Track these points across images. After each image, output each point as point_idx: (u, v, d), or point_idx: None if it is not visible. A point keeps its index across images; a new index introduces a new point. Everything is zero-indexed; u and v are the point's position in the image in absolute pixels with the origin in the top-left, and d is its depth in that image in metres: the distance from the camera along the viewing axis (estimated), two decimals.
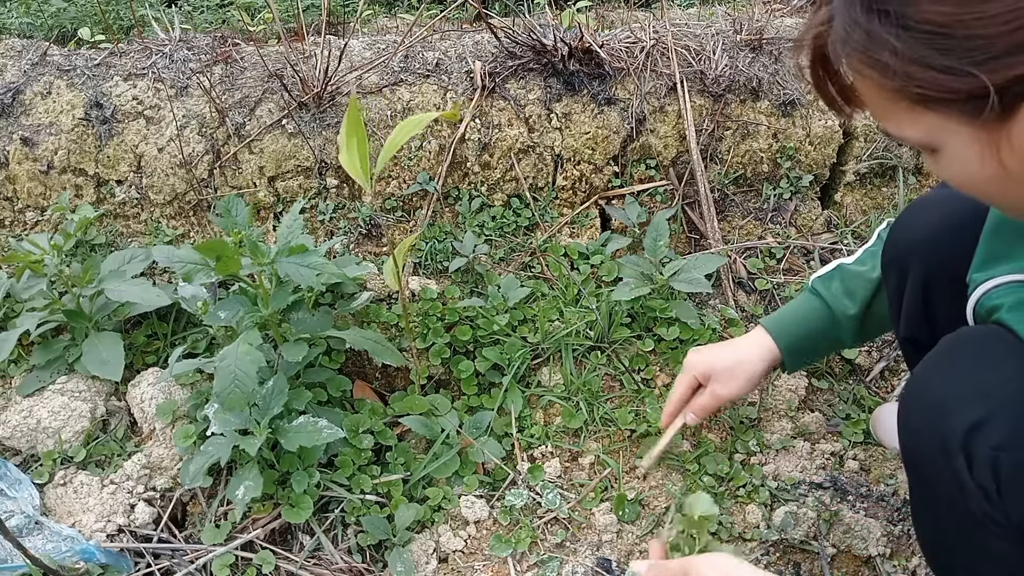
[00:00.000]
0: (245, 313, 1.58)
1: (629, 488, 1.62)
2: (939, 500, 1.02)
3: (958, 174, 0.82)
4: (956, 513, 0.98)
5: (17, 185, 2.01)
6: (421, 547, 1.53)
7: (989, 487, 0.91)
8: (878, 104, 0.80)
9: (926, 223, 1.21)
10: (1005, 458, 0.90)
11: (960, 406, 0.94)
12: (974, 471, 0.92)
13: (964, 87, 0.71)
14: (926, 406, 0.99)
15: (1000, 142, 0.75)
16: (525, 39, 2.03)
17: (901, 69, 0.73)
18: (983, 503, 0.92)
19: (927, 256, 1.19)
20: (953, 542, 1.02)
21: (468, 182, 2.05)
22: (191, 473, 1.53)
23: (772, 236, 2.09)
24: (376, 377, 1.85)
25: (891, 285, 1.28)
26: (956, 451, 0.93)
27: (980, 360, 0.96)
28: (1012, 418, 0.90)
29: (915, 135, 0.80)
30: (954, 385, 0.96)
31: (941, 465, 0.96)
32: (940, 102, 0.74)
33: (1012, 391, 0.92)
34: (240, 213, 1.59)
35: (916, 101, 0.75)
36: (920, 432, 1.00)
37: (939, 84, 0.72)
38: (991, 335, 0.98)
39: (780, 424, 1.74)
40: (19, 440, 1.67)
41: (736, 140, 2.09)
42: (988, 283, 1.00)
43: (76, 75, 2.05)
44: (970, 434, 0.92)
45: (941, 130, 0.77)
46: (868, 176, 2.16)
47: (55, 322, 1.78)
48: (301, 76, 1.97)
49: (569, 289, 1.92)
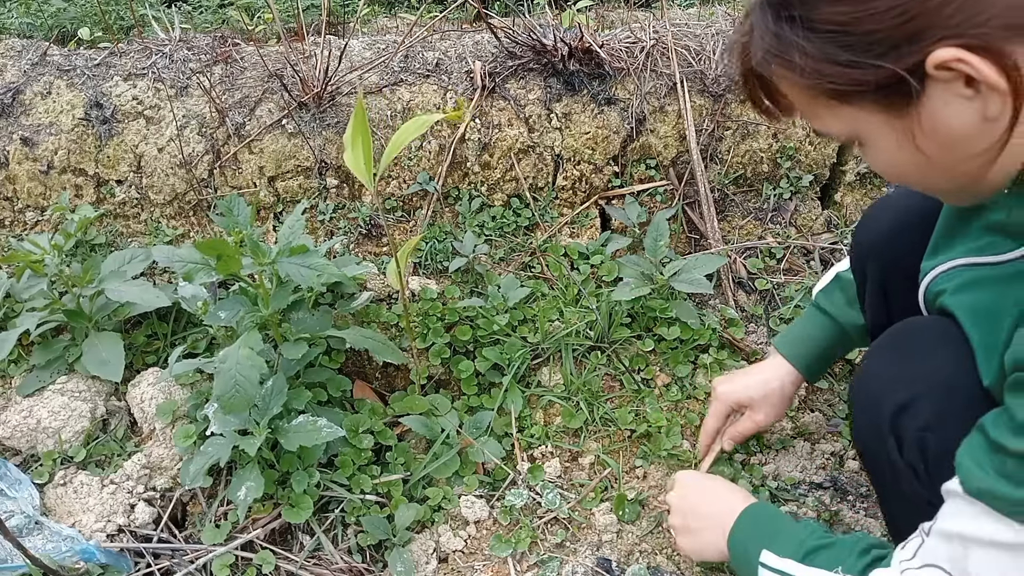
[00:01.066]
0: (245, 313, 1.58)
1: (629, 488, 1.62)
2: (883, 483, 1.09)
3: (883, 162, 0.87)
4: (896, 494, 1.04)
5: (17, 185, 2.01)
6: (421, 547, 1.52)
7: (918, 467, 0.96)
8: (802, 104, 0.86)
9: (881, 222, 1.25)
10: (931, 439, 0.95)
11: (891, 390, 0.99)
12: (904, 452, 0.97)
13: (871, 78, 0.77)
14: (865, 393, 1.05)
15: (913, 127, 0.80)
16: (525, 39, 2.03)
17: (811, 67, 0.78)
18: (914, 482, 0.97)
19: (882, 254, 1.23)
20: (901, 523, 1.06)
21: (468, 182, 2.05)
22: (191, 473, 1.53)
23: (772, 236, 2.10)
24: (376, 377, 1.85)
25: (859, 285, 1.32)
26: (887, 433, 0.99)
27: (914, 347, 1.01)
28: (938, 400, 0.95)
29: (838, 129, 0.85)
30: (887, 371, 1.02)
31: (878, 448, 1.02)
32: (852, 95, 0.80)
33: (941, 374, 0.96)
34: (241, 213, 1.59)
35: (832, 96, 0.81)
36: (860, 418, 1.07)
37: (848, 77, 0.77)
38: (929, 324, 1.03)
39: (780, 424, 1.74)
40: (19, 440, 1.67)
41: (736, 140, 2.09)
42: (935, 270, 1.04)
43: (76, 75, 2.05)
44: (897, 416, 0.97)
45: (860, 122, 0.82)
46: (868, 176, 2.16)
47: (55, 322, 1.78)
48: (301, 76, 1.97)
49: (569, 289, 1.92)
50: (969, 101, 0.75)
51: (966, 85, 0.74)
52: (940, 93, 0.76)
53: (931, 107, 0.77)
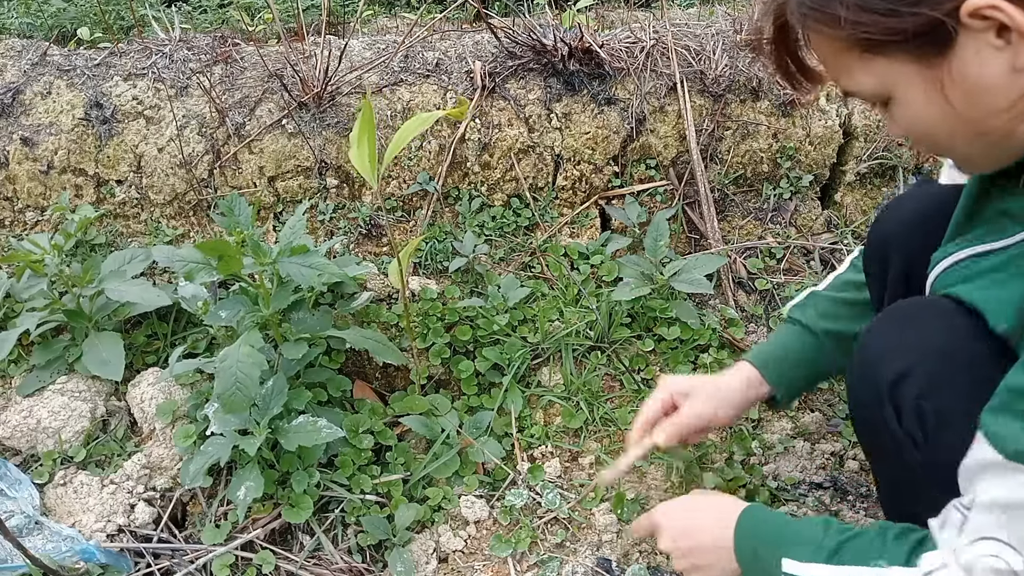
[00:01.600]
0: (246, 313, 1.58)
1: (629, 488, 1.62)
2: (882, 456, 1.08)
3: (910, 117, 0.88)
4: (897, 467, 1.03)
5: (17, 185, 2.01)
6: (421, 547, 1.53)
7: (916, 435, 0.96)
8: (834, 60, 0.88)
9: (906, 213, 1.24)
10: (927, 406, 0.95)
11: (887, 361, 1.00)
12: (903, 421, 0.97)
13: (906, 26, 0.79)
14: (863, 366, 1.05)
15: (943, 77, 0.82)
16: (525, 39, 2.03)
17: (850, 17, 0.81)
18: (914, 452, 0.98)
19: (905, 248, 1.21)
20: (904, 499, 1.06)
21: (468, 182, 2.05)
22: (191, 473, 1.53)
23: (772, 236, 2.10)
24: (376, 377, 1.85)
25: (873, 278, 1.30)
26: (886, 403, 0.99)
27: (912, 321, 1.02)
28: (932, 367, 0.96)
29: (870, 84, 0.87)
30: (885, 344, 1.02)
31: (877, 420, 1.02)
32: (887, 45, 0.82)
33: (934, 343, 0.97)
34: (242, 212, 1.59)
35: (866, 48, 0.83)
36: (858, 391, 1.06)
37: (884, 26, 0.80)
38: (929, 302, 1.03)
39: (780, 424, 1.74)
40: (19, 440, 1.67)
41: (736, 140, 2.09)
42: (945, 261, 1.04)
43: (76, 75, 2.05)
44: (895, 385, 0.98)
45: (891, 74, 0.85)
46: (868, 176, 2.16)
47: (55, 322, 1.78)
48: (301, 76, 1.97)
49: (569, 289, 1.92)
50: (999, 51, 0.77)
51: (997, 35, 0.76)
52: (972, 42, 0.78)
53: (962, 56, 0.79)
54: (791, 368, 1.35)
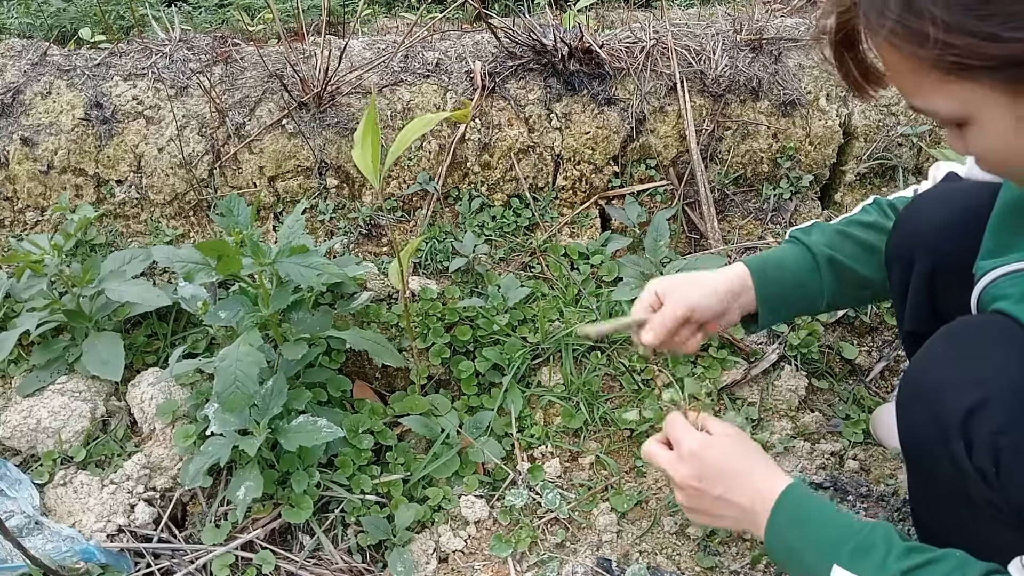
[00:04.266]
0: (245, 313, 1.58)
1: (629, 488, 1.62)
2: (937, 487, 1.01)
3: (990, 146, 0.82)
4: (956, 500, 0.98)
5: (17, 185, 2.01)
6: (421, 547, 1.53)
7: (988, 471, 0.91)
8: (907, 78, 0.81)
9: (933, 215, 1.19)
10: (1004, 441, 0.90)
11: (957, 391, 0.93)
12: (973, 456, 0.92)
13: (1004, 53, 0.72)
14: (924, 393, 0.98)
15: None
16: (525, 39, 2.03)
17: (941, 38, 0.73)
18: (982, 487, 0.92)
19: (934, 248, 1.17)
20: (953, 531, 1.01)
21: (468, 182, 2.05)
22: (191, 473, 1.53)
23: (772, 236, 2.09)
24: (376, 377, 1.85)
25: (895, 277, 1.26)
26: (955, 436, 0.93)
27: (977, 346, 0.96)
28: (1010, 402, 0.90)
29: (947, 107, 0.81)
30: (951, 371, 0.96)
31: (939, 451, 0.96)
32: (976, 70, 0.75)
33: (1009, 375, 0.91)
34: (242, 213, 1.59)
35: (950, 71, 0.76)
36: (918, 419, 1.00)
37: (978, 51, 0.73)
38: (988, 322, 0.98)
39: (780, 424, 1.74)
40: (19, 440, 1.67)
41: (736, 140, 2.09)
42: (994, 272, 0.99)
43: (76, 75, 2.05)
44: (968, 418, 0.92)
45: (973, 101, 0.78)
46: (868, 176, 2.16)
47: (55, 322, 1.78)
48: (301, 76, 1.97)
49: (569, 289, 1.92)
50: None
51: None
52: None
53: None
54: (781, 286, 1.28)
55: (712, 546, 1.51)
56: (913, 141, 2.13)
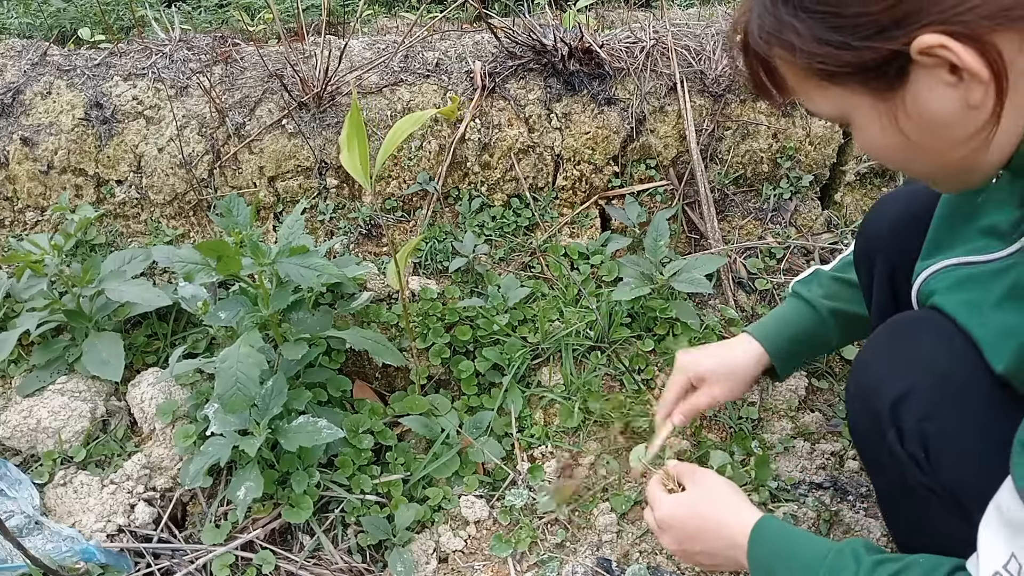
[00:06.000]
0: (245, 313, 1.58)
1: (629, 488, 1.62)
2: (884, 477, 1.07)
3: (869, 144, 0.88)
4: (902, 490, 1.02)
5: (17, 185, 2.01)
6: (421, 547, 1.53)
7: (919, 457, 0.96)
8: (795, 83, 0.87)
9: (889, 216, 1.24)
10: (929, 428, 0.94)
11: (887, 383, 0.99)
12: (905, 443, 0.97)
13: (856, 60, 0.78)
14: (862, 387, 1.04)
15: (896, 111, 0.81)
16: (525, 39, 2.03)
17: (804, 47, 0.80)
18: (918, 474, 0.97)
19: (890, 248, 1.22)
20: (904, 519, 1.05)
21: (468, 182, 2.05)
22: (191, 473, 1.53)
23: (772, 236, 2.09)
24: (376, 377, 1.85)
25: (863, 278, 1.31)
26: (887, 425, 0.98)
27: (908, 339, 1.01)
28: (933, 389, 0.95)
29: (828, 110, 0.87)
30: (884, 364, 1.01)
31: (878, 441, 1.01)
32: (840, 75, 0.81)
33: (933, 364, 0.96)
34: (241, 213, 1.59)
35: (822, 77, 0.82)
36: (858, 412, 1.06)
37: (836, 58, 0.79)
38: (922, 317, 1.03)
39: (780, 424, 1.74)
40: (19, 440, 1.67)
41: (736, 140, 2.09)
42: (927, 270, 1.04)
43: (76, 75, 2.05)
44: (896, 407, 0.97)
45: (847, 104, 0.84)
46: (868, 176, 2.16)
47: (55, 322, 1.78)
48: (301, 76, 1.97)
49: (569, 289, 1.92)
50: (952, 88, 0.76)
51: (950, 72, 0.75)
52: (924, 78, 0.77)
53: (915, 92, 0.79)
54: (791, 343, 1.38)
55: None
56: None
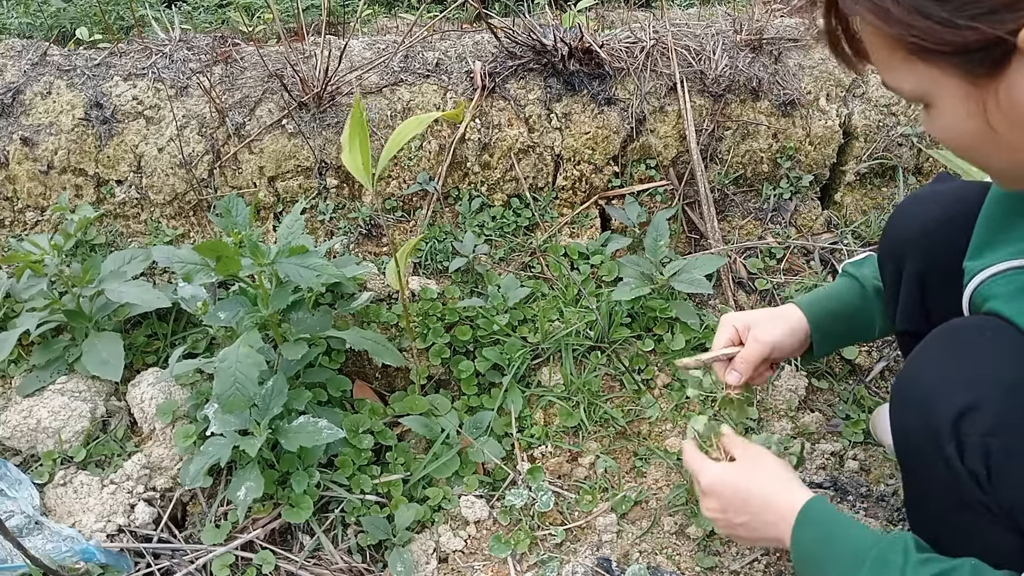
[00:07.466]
0: (245, 313, 1.58)
1: (629, 488, 1.62)
2: (932, 490, 1.02)
3: (946, 129, 0.84)
4: (951, 503, 0.98)
5: (17, 185, 2.01)
6: (421, 547, 1.53)
7: (980, 473, 0.92)
8: (879, 54, 0.83)
9: (921, 215, 1.21)
10: (994, 443, 0.90)
11: (948, 394, 0.94)
12: (965, 458, 0.92)
13: (957, 39, 0.74)
14: (916, 396, 0.99)
15: (987, 98, 0.77)
16: (525, 39, 2.03)
17: (902, 17, 0.75)
18: (975, 490, 0.93)
19: (922, 249, 1.19)
20: (948, 533, 1.02)
21: (468, 182, 2.05)
22: (191, 473, 1.53)
23: (772, 236, 2.09)
24: (376, 377, 1.85)
25: (887, 278, 1.28)
26: (947, 439, 0.93)
27: (968, 348, 0.96)
28: (1000, 403, 0.90)
29: (909, 86, 0.83)
30: (942, 374, 0.96)
31: (932, 454, 0.96)
32: (934, 53, 0.77)
33: (1000, 377, 0.92)
34: (240, 213, 1.59)
35: (912, 51, 0.78)
36: (910, 422, 1.01)
37: (934, 35, 0.75)
38: (980, 324, 0.98)
39: (780, 424, 1.74)
40: (19, 440, 1.67)
41: (736, 140, 2.09)
42: (985, 271, 1.00)
43: (76, 75, 2.05)
44: (959, 421, 0.92)
45: (933, 83, 0.80)
46: (868, 176, 2.16)
47: (55, 322, 1.78)
48: (301, 76, 1.97)
49: (569, 289, 1.92)
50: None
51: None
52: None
53: (1012, 81, 0.75)
54: (834, 320, 1.35)
55: (712, 546, 1.51)
56: (913, 141, 2.13)
